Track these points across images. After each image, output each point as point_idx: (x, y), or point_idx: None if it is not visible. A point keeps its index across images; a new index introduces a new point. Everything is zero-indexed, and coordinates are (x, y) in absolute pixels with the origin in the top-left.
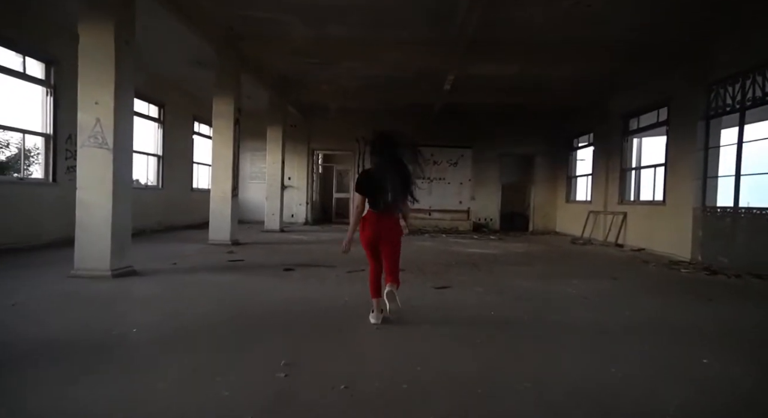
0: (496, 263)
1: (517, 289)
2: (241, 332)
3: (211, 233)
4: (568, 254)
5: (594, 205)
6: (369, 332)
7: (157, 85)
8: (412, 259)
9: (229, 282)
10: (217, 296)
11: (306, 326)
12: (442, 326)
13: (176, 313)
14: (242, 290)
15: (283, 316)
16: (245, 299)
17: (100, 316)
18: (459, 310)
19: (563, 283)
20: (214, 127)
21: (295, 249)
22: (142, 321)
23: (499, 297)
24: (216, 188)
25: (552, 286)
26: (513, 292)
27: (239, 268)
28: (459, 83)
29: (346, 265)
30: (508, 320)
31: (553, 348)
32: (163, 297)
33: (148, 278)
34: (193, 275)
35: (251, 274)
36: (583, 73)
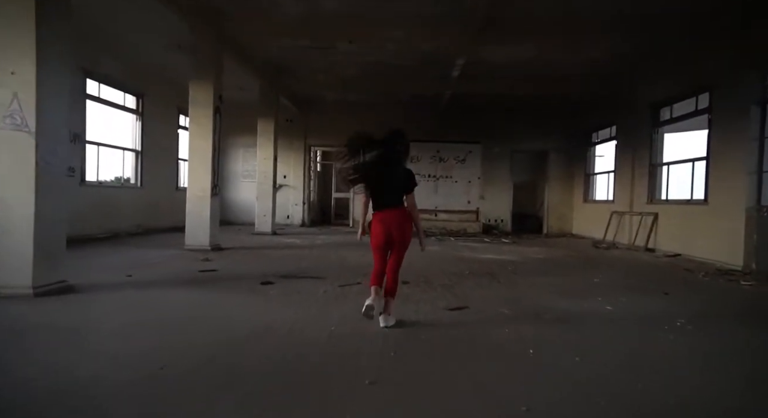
0: (517, 273)
1: (555, 310)
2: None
3: (187, 237)
4: (594, 260)
5: (617, 205)
6: (364, 392)
7: (135, 73)
8: (417, 268)
9: (185, 303)
10: (157, 327)
11: (266, 384)
12: (464, 382)
13: (74, 364)
14: (196, 316)
15: (234, 365)
16: (194, 331)
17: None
18: (484, 348)
19: (609, 301)
20: (190, 115)
21: (284, 255)
22: (19, 376)
23: (536, 325)
24: (193, 186)
25: (597, 306)
26: (551, 315)
27: (208, 281)
28: (468, 70)
29: (339, 276)
30: (565, 370)
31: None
32: (81, 329)
33: (83, 298)
34: (145, 291)
35: (219, 289)
36: (607, 56)
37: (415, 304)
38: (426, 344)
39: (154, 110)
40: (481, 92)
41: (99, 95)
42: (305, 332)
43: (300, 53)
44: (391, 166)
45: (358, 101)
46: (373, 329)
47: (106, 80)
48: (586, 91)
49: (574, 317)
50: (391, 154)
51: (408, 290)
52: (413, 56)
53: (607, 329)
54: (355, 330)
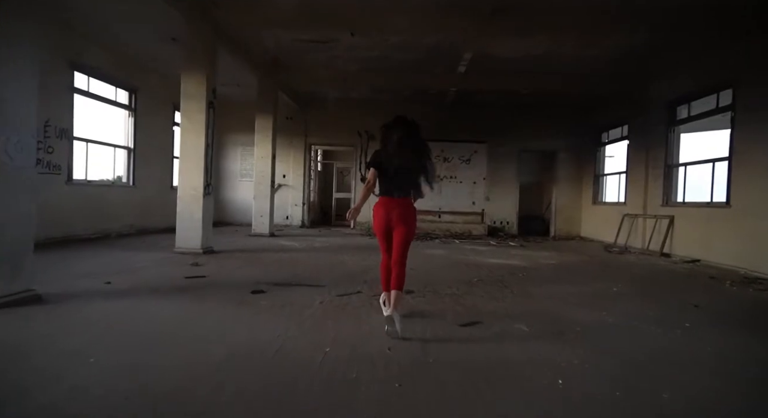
0: (530, 280)
1: (578, 326)
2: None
3: (178, 239)
4: (609, 265)
5: (630, 207)
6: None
7: (127, 67)
8: (422, 274)
9: (163, 317)
10: (123, 348)
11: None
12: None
13: (17, 392)
14: (172, 334)
15: (203, 399)
16: (166, 353)
17: None
18: (505, 376)
19: (635, 315)
20: (182, 110)
21: (280, 259)
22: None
23: (560, 345)
24: (184, 185)
25: (623, 320)
26: (575, 332)
27: (193, 289)
28: (475, 66)
29: (337, 282)
30: (605, 405)
31: None
32: (32, 349)
33: (47, 310)
34: (121, 302)
35: (204, 299)
36: (622, 51)
37: (422, 318)
38: (436, 370)
39: (148, 106)
40: (488, 90)
41: (88, 89)
42: (295, 354)
43: (300, 47)
44: (412, 154)
45: (361, 99)
46: (374, 351)
47: (96, 74)
48: (597, 89)
49: (600, 334)
50: (412, 142)
51: (413, 300)
52: (418, 51)
53: (642, 351)
54: (353, 352)
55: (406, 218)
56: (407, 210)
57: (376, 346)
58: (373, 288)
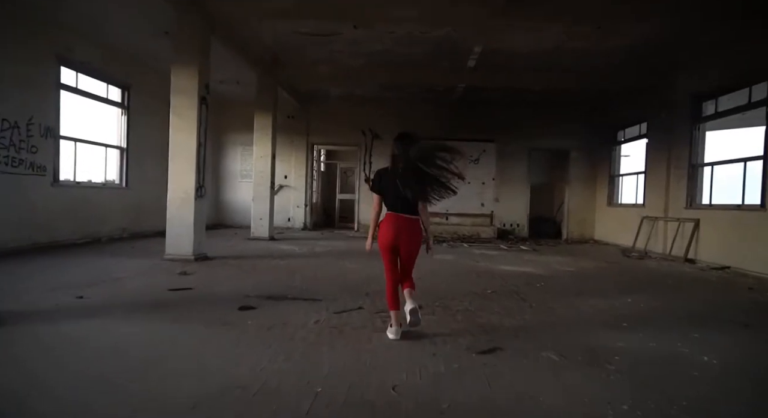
0: (549, 292)
1: (617, 354)
2: None
3: (168, 245)
4: (632, 273)
5: (649, 209)
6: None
7: (119, 63)
8: (431, 284)
9: (131, 343)
10: (73, 386)
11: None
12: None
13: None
14: (135, 368)
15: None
16: (121, 393)
17: None
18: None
19: (679, 337)
20: (172, 106)
21: (277, 267)
22: None
23: (603, 382)
24: (174, 187)
25: (669, 346)
26: (616, 362)
27: (175, 305)
28: (485, 61)
29: (336, 296)
30: None
31: None
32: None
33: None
34: (88, 322)
35: (184, 318)
36: (643, 42)
37: (432, 341)
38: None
39: (142, 104)
40: (497, 86)
41: (76, 86)
42: (279, 395)
43: (300, 41)
44: (413, 172)
45: (365, 96)
46: (375, 391)
47: (85, 69)
48: (613, 85)
49: (645, 364)
50: (412, 159)
51: (423, 319)
52: (425, 44)
53: (701, 390)
54: (350, 393)
55: (413, 238)
56: (415, 231)
57: (377, 383)
58: (376, 302)
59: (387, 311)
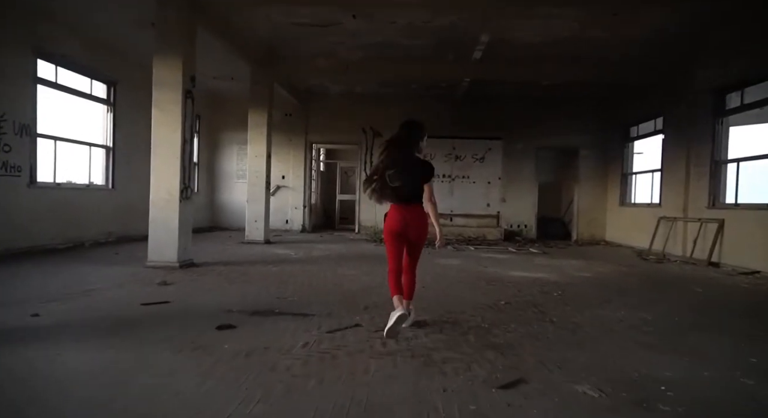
0: (569, 302)
1: (663, 386)
2: None
3: (150, 251)
4: (654, 279)
5: (666, 209)
6: None
7: (104, 57)
8: (437, 294)
9: (73, 378)
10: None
11: None
12: None
13: None
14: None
15: None
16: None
17: None
18: None
19: (735, 363)
20: (154, 100)
21: (268, 275)
22: None
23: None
24: (157, 188)
25: (724, 372)
26: (665, 398)
27: (143, 323)
28: (492, 53)
29: (331, 309)
30: None
31: None
32: None
33: None
34: (29, 349)
35: (150, 342)
36: (662, 31)
37: (442, 371)
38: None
39: (129, 100)
40: (505, 80)
41: (56, 80)
42: None
43: (296, 32)
44: (405, 156)
45: (365, 93)
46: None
47: (66, 63)
48: (629, 77)
49: (703, 402)
50: (405, 144)
51: (427, 338)
52: (428, 35)
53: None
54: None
55: (420, 225)
56: (420, 218)
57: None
58: (376, 318)
59: None
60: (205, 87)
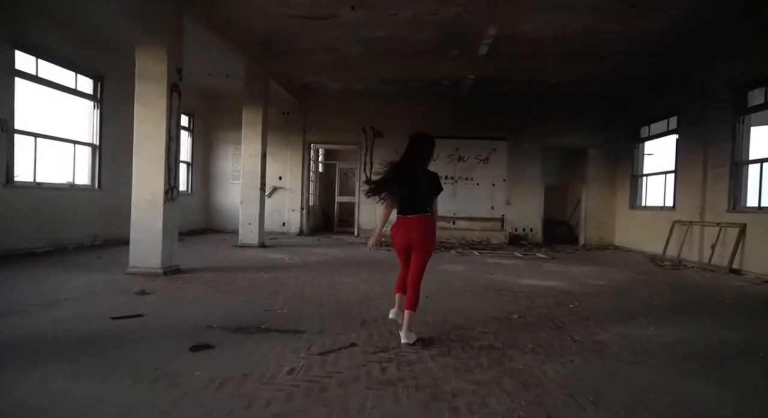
0: (588, 316)
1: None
2: None
3: (132, 256)
4: (675, 288)
5: (681, 212)
6: None
7: (90, 50)
8: (442, 305)
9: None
10: None
11: None
12: None
13: None
14: None
15: None
16: None
17: None
18: None
19: None
20: (137, 94)
21: (259, 283)
22: None
23: None
24: (140, 188)
25: None
26: None
27: (108, 343)
28: (498, 48)
29: (324, 324)
30: None
31: None
32: None
33: None
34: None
35: (110, 367)
36: (678, 22)
37: (452, 405)
38: None
39: (118, 96)
40: (510, 77)
41: (36, 74)
42: None
43: (293, 25)
44: (416, 170)
45: (365, 91)
46: None
47: (47, 55)
48: (642, 73)
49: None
50: (415, 158)
51: (434, 363)
52: (432, 28)
53: None
54: None
55: (426, 238)
56: (427, 230)
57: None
58: (374, 336)
59: (388, 351)
60: (199, 85)
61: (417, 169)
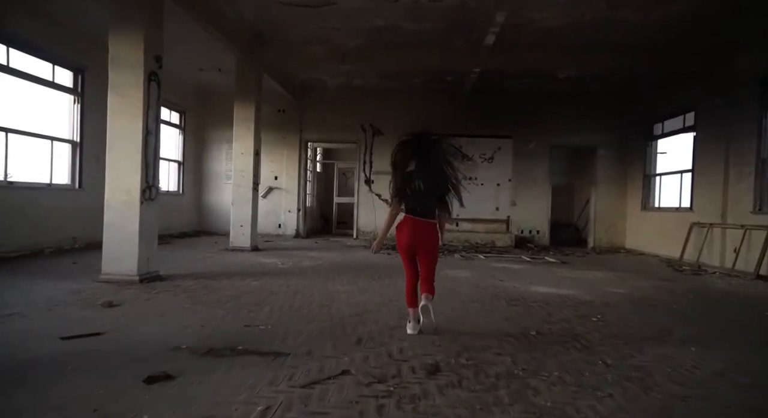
0: (617, 332)
1: None
2: None
3: (105, 262)
4: (703, 296)
5: (700, 214)
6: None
7: (69, 39)
8: (448, 319)
9: None
10: None
11: None
12: None
13: None
14: None
15: None
16: None
17: None
18: None
19: None
20: (110, 83)
21: (244, 291)
22: None
23: None
24: (114, 186)
25: None
26: None
27: (47, 370)
28: (506, 38)
29: (312, 346)
30: None
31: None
32: None
33: None
34: None
35: (34, 408)
36: (700, 9)
37: None
38: None
39: (100, 90)
40: (516, 72)
41: (8, 64)
42: None
43: (286, 14)
44: (434, 175)
45: (365, 87)
46: None
47: (20, 44)
48: (656, 67)
49: None
50: (432, 162)
51: (442, 397)
52: (435, 16)
53: None
54: None
55: (430, 243)
56: (431, 235)
57: None
58: (371, 358)
59: (386, 381)
60: (191, 80)
61: (429, 170)
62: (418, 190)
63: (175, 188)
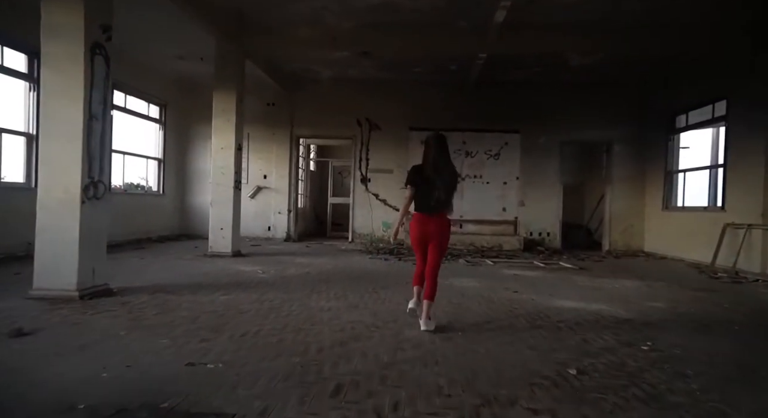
0: (690, 373)
1: None
2: None
3: (37, 275)
4: (759, 311)
5: (733, 214)
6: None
7: (23, 20)
8: (456, 349)
9: None
10: None
11: None
12: None
13: None
14: None
15: None
16: None
17: None
18: None
19: None
20: (43, 54)
21: (205, 310)
22: None
23: None
24: (48, 183)
25: None
26: None
27: None
28: (516, 17)
29: (268, 404)
30: None
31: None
32: None
33: None
34: None
35: None
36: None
37: None
38: None
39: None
40: (525, 60)
41: None
42: None
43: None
44: (448, 175)
45: (361, 79)
46: None
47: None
48: (680, 50)
49: None
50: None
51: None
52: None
53: None
54: None
55: (442, 232)
56: (443, 225)
57: None
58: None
59: None
60: (170, 70)
61: (445, 169)
62: (433, 186)
63: (155, 188)
